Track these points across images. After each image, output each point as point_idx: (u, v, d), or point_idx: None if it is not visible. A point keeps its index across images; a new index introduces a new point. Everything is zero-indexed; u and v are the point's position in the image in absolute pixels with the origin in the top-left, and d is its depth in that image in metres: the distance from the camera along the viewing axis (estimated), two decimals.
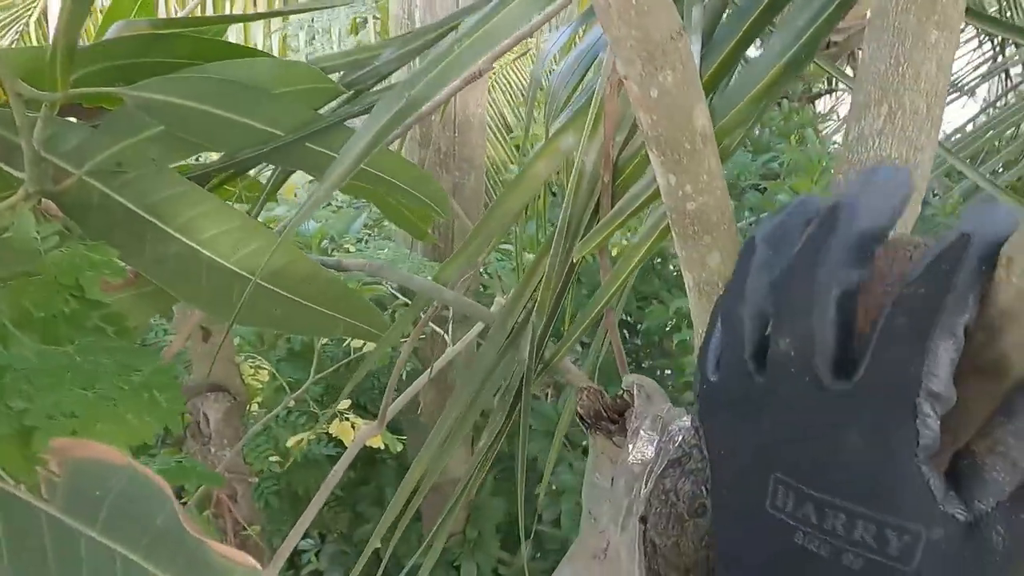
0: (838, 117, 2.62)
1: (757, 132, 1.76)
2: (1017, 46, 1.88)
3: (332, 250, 1.33)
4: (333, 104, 0.46)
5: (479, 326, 1.08)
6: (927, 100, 0.35)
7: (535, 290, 0.52)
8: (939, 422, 0.23)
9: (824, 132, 2.38)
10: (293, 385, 1.22)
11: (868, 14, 0.42)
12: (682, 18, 0.49)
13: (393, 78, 0.55)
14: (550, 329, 0.52)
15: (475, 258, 0.57)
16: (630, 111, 0.51)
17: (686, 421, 0.42)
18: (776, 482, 0.26)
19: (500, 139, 2.34)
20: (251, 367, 1.19)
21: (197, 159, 0.64)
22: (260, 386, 1.19)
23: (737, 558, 0.29)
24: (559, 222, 0.50)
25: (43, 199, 0.42)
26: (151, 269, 0.50)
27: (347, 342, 1.29)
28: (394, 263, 1.17)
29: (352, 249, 1.30)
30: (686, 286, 0.44)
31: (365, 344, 1.24)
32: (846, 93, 2.90)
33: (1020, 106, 1.67)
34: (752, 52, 0.56)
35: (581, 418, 0.44)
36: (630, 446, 0.43)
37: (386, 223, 1.85)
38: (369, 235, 1.53)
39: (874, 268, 0.27)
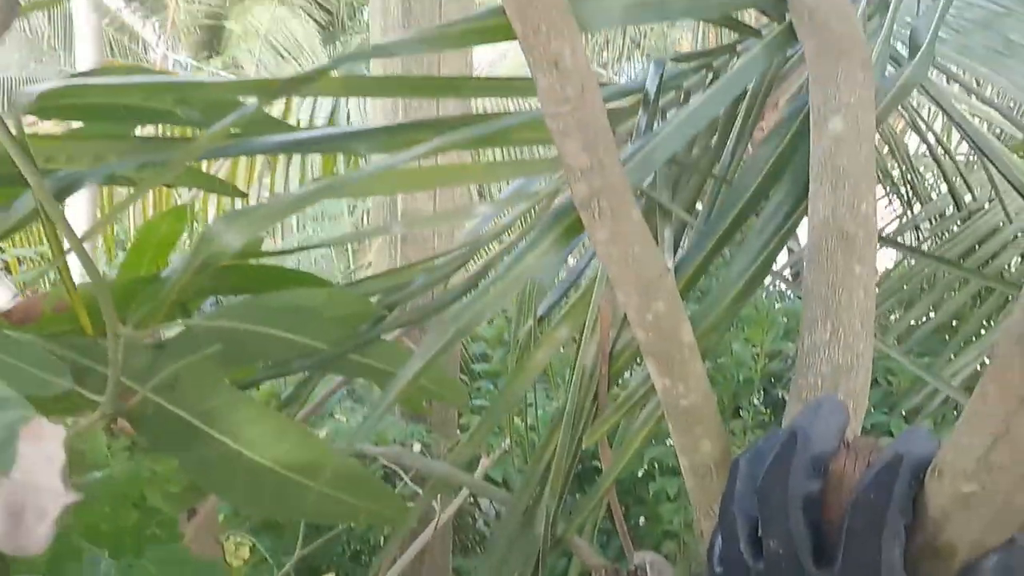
0: (776, 266, 2.87)
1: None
2: (922, 204, 2.15)
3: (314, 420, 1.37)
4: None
5: (463, 494, 1.11)
6: (860, 319, 0.45)
7: (545, 471, 0.58)
8: None
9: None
10: (274, 557, 1.20)
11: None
12: (656, 235, 0.61)
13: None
14: (560, 509, 0.58)
15: (484, 439, 0.63)
16: (616, 315, 0.60)
17: None
18: None
19: None
20: (234, 544, 1.17)
21: None
22: (242, 563, 1.17)
23: None
24: (565, 412, 0.57)
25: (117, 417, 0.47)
26: (195, 471, 0.55)
27: None
28: (384, 430, 1.22)
29: (344, 419, 1.34)
30: (682, 467, 0.51)
31: None
32: None
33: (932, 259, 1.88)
34: None
35: None
36: None
37: (356, 386, 1.90)
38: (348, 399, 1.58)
39: (840, 469, 0.35)
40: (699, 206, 0.64)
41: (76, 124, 0.49)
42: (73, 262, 0.50)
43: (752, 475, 0.37)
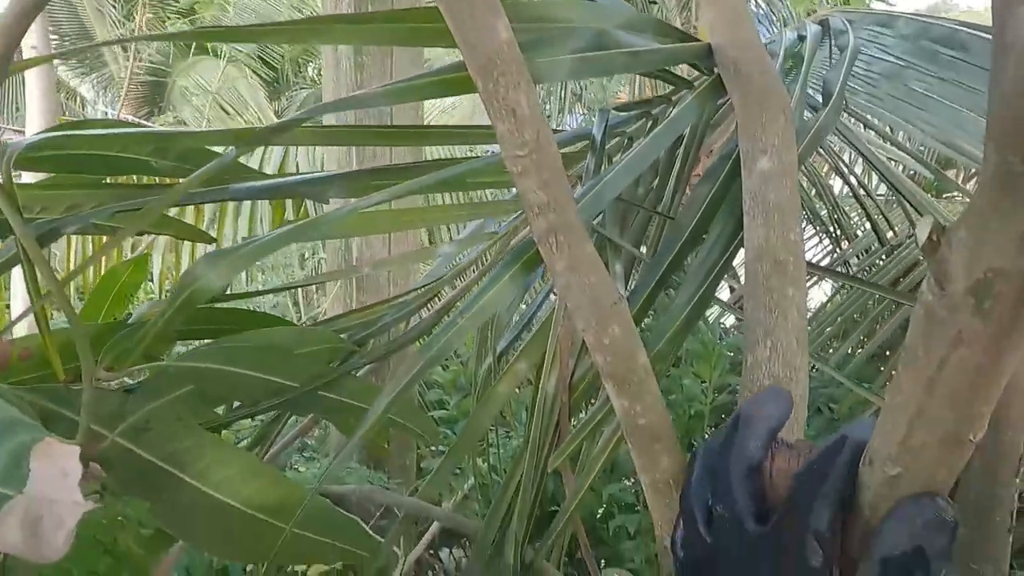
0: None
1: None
2: (849, 242, 2.30)
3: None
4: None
5: (431, 533, 1.10)
6: (796, 336, 0.50)
7: (512, 499, 0.60)
8: (823, 558, 0.34)
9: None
10: None
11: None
12: (607, 270, 0.65)
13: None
14: (528, 536, 0.59)
15: (448, 475, 0.64)
16: (574, 343, 0.63)
17: None
18: None
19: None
20: None
21: None
22: None
23: None
24: (529, 438, 0.59)
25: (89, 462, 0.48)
26: (164, 515, 0.55)
27: (290, 567, 1.26)
28: (345, 477, 1.21)
29: (303, 470, 1.32)
30: (643, 485, 0.54)
31: (309, 568, 1.22)
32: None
33: (862, 291, 2.01)
34: None
35: None
36: None
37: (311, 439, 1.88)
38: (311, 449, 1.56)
39: (782, 465, 0.39)
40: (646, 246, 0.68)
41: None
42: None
43: (706, 464, 0.41)
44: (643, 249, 0.65)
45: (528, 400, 0.70)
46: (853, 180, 2.03)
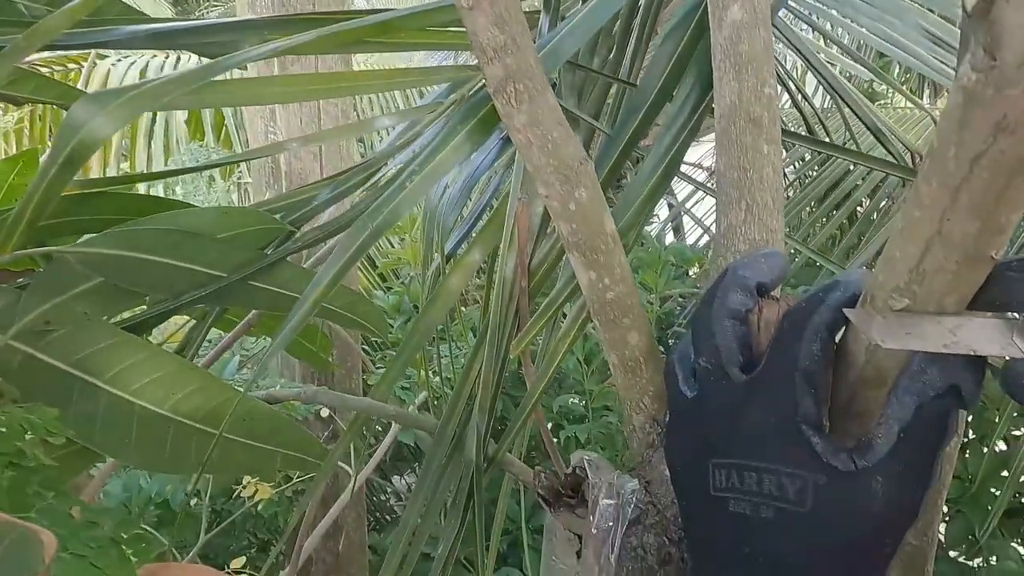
0: (659, 219, 2.99)
1: None
2: (787, 150, 2.31)
3: None
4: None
5: (388, 439, 1.07)
6: (771, 195, 0.46)
7: (471, 391, 0.56)
8: (815, 397, 0.31)
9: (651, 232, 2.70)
10: (178, 548, 1.11)
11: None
12: None
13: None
14: (490, 427, 0.56)
15: (403, 372, 0.60)
16: (531, 227, 0.59)
17: (635, 483, 0.47)
18: (714, 467, 0.33)
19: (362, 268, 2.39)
20: None
21: None
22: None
23: (694, 542, 0.36)
24: (488, 326, 0.55)
25: None
26: (79, 427, 0.48)
27: (236, 493, 1.21)
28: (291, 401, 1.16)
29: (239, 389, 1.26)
30: (611, 366, 0.50)
31: (257, 492, 1.17)
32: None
33: (800, 198, 2.03)
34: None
35: (543, 499, 0.48)
36: (592, 516, 0.47)
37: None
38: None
39: (771, 316, 0.36)
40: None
41: None
42: None
43: (691, 327, 0.38)
44: (603, 123, 0.60)
45: (479, 323, 0.65)
46: (792, 85, 2.02)
